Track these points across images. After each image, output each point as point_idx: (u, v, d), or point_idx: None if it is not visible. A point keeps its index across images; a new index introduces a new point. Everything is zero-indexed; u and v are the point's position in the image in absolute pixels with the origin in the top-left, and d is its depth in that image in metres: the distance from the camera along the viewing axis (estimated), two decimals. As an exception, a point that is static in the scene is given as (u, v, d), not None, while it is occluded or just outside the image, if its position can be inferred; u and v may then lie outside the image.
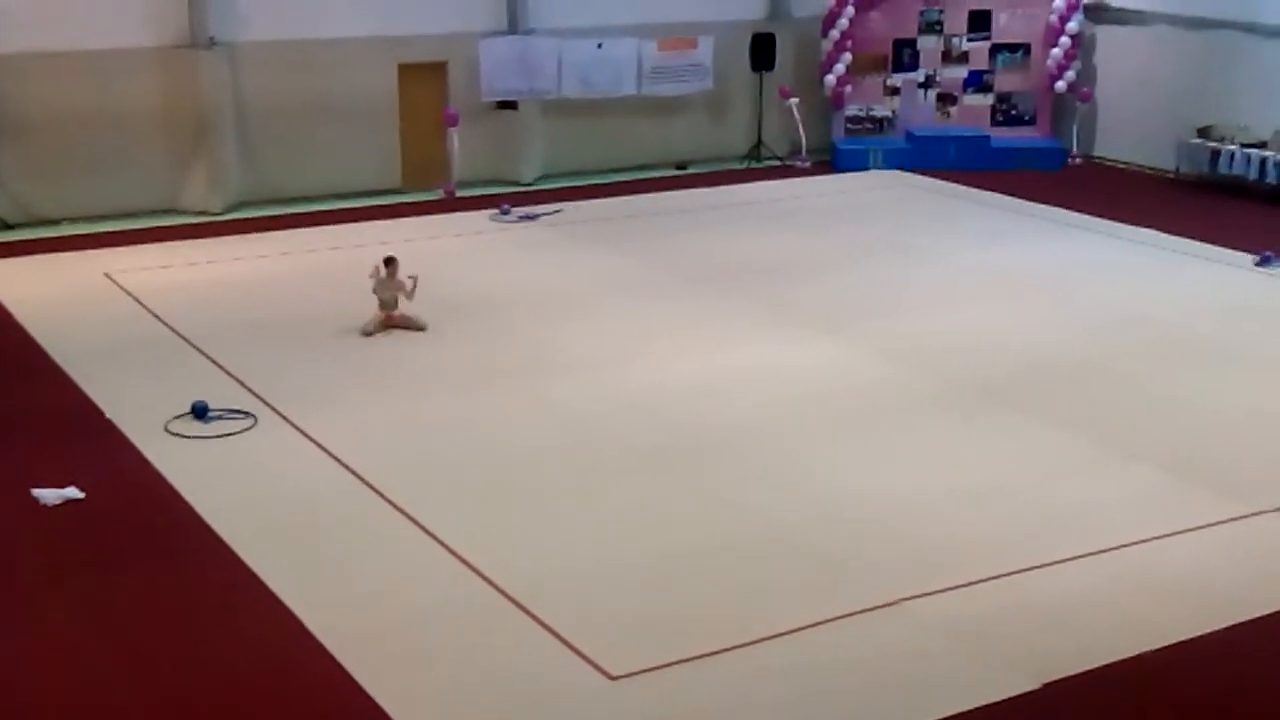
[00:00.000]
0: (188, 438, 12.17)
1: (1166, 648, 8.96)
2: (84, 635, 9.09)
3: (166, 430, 12.30)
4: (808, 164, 24.23)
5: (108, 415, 12.69)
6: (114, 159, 19.87)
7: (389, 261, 14.96)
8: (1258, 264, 17.91)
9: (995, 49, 24.93)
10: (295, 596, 9.47)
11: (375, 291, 14.90)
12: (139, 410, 12.69)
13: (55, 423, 12.63)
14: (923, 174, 23.36)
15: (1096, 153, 24.74)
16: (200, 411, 12.53)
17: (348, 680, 8.53)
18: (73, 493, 10.98)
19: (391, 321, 14.93)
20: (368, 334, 14.80)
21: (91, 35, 19.50)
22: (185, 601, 9.51)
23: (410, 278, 14.93)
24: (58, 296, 16.30)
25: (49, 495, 10.91)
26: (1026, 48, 24.83)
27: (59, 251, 18.27)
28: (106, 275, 17.14)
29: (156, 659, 8.82)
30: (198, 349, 14.47)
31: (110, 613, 9.36)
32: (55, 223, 19.58)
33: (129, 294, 16.40)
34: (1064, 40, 24.24)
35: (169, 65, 20.06)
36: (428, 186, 21.84)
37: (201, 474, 11.42)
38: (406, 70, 21.70)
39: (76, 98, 19.52)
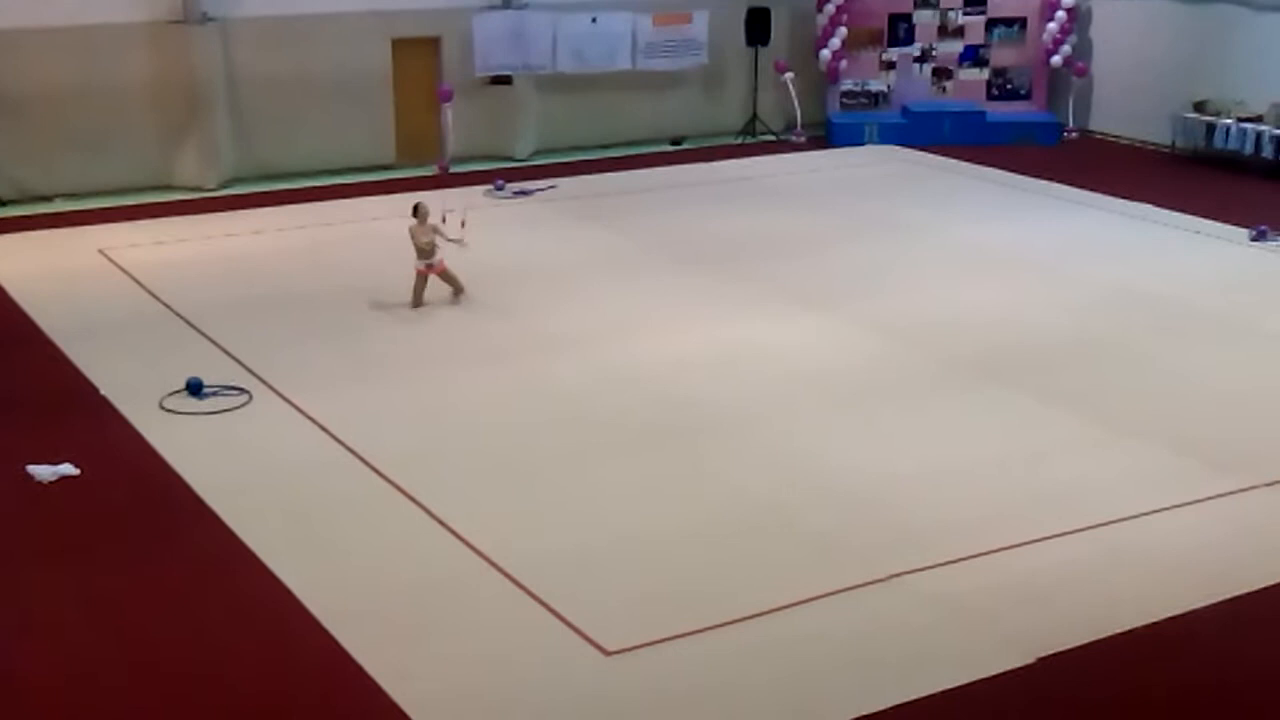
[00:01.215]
0: (183, 414, 12.17)
1: (1160, 622, 8.99)
2: (79, 611, 9.10)
3: (161, 406, 12.29)
4: (803, 139, 24.18)
5: (102, 392, 12.68)
6: (107, 135, 19.81)
7: (416, 209, 14.94)
8: (1253, 239, 17.89)
9: (991, 23, 24.88)
10: (290, 572, 9.48)
11: (413, 240, 14.86)
12: (134, 386, 12.68)
13: (50, 399, 12.63)
14: (918, 149, 23.30)
15: (1092, 127, 24.70)
16: (195, 388, 12.52)
17: (343, 655, 8.55)
18: (68, 469, 10.99)
19: (434, 271, 14.88)
20: (418, 306, 14.83)
21: (84, 10, 19.42)
22: (180, 577, 9.52)
23: (460, 219, 14.84)
24: (52, 273, 16.26)
25: (44, 471, 10.92)
26: (1022, 22, 24.78)
27: (53, 228, 18.24)
28: (101, 252, 17.10)
29: (151, 634, 8.83)
30: (192, 325, 14.46)
31: (105, 588, 9.37)
32: (48, 199, 19.53)
33: (123, 270, 16.37)
34: (1060, 14, 24.19)
35: (162, 41, 19.98)
36: (422, 162, 21.78)
37: (196, 450, 11.42)
38: (400, 45, 21.63)
39: (69, 74, 19.46)
